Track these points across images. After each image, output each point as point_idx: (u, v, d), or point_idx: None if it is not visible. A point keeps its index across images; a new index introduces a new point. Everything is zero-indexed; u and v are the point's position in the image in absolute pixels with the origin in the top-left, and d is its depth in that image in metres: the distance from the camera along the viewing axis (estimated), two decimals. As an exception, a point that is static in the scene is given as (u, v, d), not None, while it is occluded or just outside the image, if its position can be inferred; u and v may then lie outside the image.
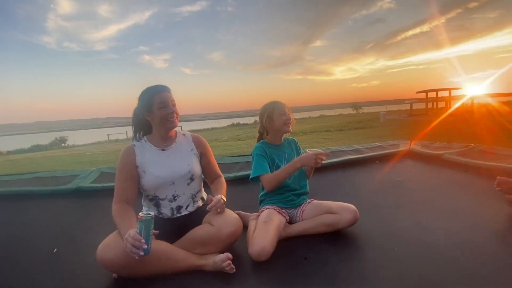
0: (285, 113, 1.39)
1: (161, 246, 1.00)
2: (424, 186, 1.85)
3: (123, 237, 0.94)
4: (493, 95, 8.03)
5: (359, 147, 2.86)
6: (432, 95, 7.57)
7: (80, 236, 1.44)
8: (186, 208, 1.23)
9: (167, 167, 1.19)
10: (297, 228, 1.30)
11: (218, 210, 1.12)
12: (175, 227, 1.17)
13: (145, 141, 1.24)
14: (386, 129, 5.54)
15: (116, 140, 17.42)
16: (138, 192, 1.19)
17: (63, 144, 18.13)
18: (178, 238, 1.12)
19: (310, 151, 1.27)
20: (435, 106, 7.78)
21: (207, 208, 1.14)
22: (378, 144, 2.95)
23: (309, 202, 1.38)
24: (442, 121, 5.37)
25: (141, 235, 0.90)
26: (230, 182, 1.85)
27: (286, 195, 1.38)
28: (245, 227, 1.31)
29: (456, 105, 7.50)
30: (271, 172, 1.35)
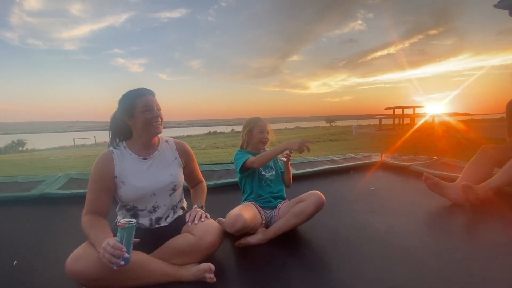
0: (264, 131, 1.50)
1: (137, 256, 0.94)
2: (395, 194, 1.97)
3: (96, 247, 0.88)
4: (451, 114, 8.92)
5: (335, 158, 2.98)
6: (398, 111, 8.18)
7: (44, 247, 1.33)
8: (166, 219, 1.17)
9: (149, 178, 1.12)
10: (274, 228, 1.31)
11: (196, 222, 1.07)
12: (152, 238, 1.10)
13: (125, 147, 1.14)
14: (358, 142, 5.83)
15: (83, 145, 16.46)
16: (113, 201, 1.11)
17: (20, 148, 16.69)
18: (155, 249, 1.06)
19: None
20: (401, 122, 8.38)
21: (186, 221, 1.10)
22: (352, 155, 3.10)
23: (284, 202, 1.45)
24: (409, 136, 5.78)
25: (122, 244, 0.84)
26: (210, 190, 1.83)
27: (265, 196, 1.45)
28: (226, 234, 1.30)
29: (420, 121, 8.18)
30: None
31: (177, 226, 1.15)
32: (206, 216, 1.12)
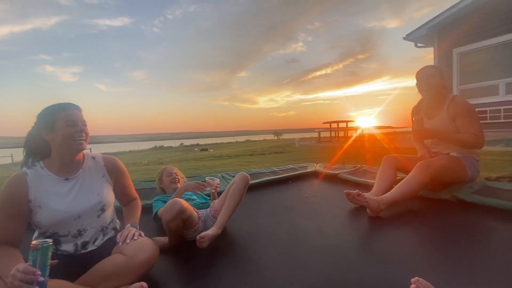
0: (171, 173, 1.90)
1: (58, 285, 0.85)
2: (325, 199, 2.22)
3: (5, 279, 0.78)
4: (377, 127, 10.38)
5: (276, 169, 3.21)
6: (334, 125, 9.15)
7: None
8: (94, 242, 1.09)
9: (72, 200, 1.03)
10: (222, 216, 1.48)
11: (128, 241, 1.02)
12: (78, 265, 1.00)
13: (42, 167, 1.04)
14: (300, 153, 6.28)
15: (-4, 165, 13.79)
16: (30, 229, 1.00)
17: None
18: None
19: (208, 178, 1.71)
20: (337, 135, 9.37)
21: (117, 241, 1.05)
22: (291, 166, 3.37)
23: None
24: (343, 147, 6.50)
25: (35, 267, 0.75)
26: (149, 209, 1.81)
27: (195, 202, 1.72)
28: (163, 251, 1.32)
29: (352, 134, 9.30)
30: None
31: (108, 248, 1.08)
32: (139, 235, 1.08)
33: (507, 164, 3.04)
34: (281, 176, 2.87)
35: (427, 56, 7.52)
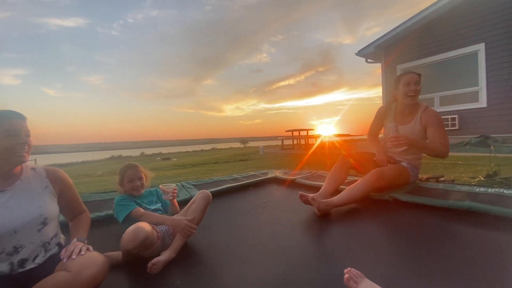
0: (134, 179, 1.58)
1: None
2: (282, 204, 2.32)
3: None
4: (336, 135, 11.08)
5: (238, 176, 3.26)
6: (296, 133, 9.56)
7: None
8: (34, 260, 1.00)
9: (6, 213, 0.96)
10: (178, 238, 1.44)
11: (74, 257, 0.95)
12: (16, 285, 0.93)
13: None
14: (263, 161, 6.42)
15: None
16: None
17: None
18: None
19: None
20: (299, 142, 9.79)
21: (61, 257, 0.97)
22: (252, 173, 3.45)
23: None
24: (305, 154, 6.80)
25: None
26: (101, 221, 1.72)
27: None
28: (115, 267, 1.28)
29: (313, 141, 9.79)
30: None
31: (51, 266, 1.00)
32: (87, 249, 1.01)
33: (437, 166, 3.49)
34: (242, 183, 2.92)
35: (377, 70, 8.33)
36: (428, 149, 2.01)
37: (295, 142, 9.78)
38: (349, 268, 0.99)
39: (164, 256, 1.32)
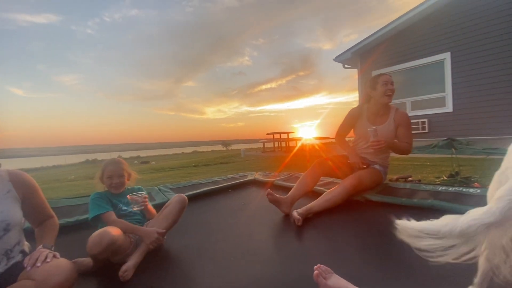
0: (112, 176, 1.52)
1: None
2: (259, 206, 2.35)
3: None
4: (317, 138, 11.32)
5: (217, 179, 3.25)
6: (277, 136, 9.69)
7: None
8: None
9: None
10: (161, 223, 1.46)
11: (38, 265, 0.90)
12: None
13: None
14: (244, 163, 6.44)
15: None
16: None
17: None
18: None
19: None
20: (280, 145, 9.92)
21: (24, 265, 0.92)
22: (232, 175, 3.46)
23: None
24: (285, 157, 6.90)
25: None
26: (70, 228, 1.66)
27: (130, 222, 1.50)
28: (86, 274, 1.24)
29: (293, 144, 9.97)
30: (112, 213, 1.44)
31: (14, 275, 0.95)
32: (53, 256, 0.97)
33: (408, 167, 3.69)
34: (221, 185, 2.92)
35: (354, 76, 8.66)
36: (398, 149, 2.17)
37: (276, 144, 9.91)
38: (318, 265, 1.03)
39: (133, 261, 1.30)
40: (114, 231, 1.22)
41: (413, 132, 7.00)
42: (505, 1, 5.78)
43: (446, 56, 6.64)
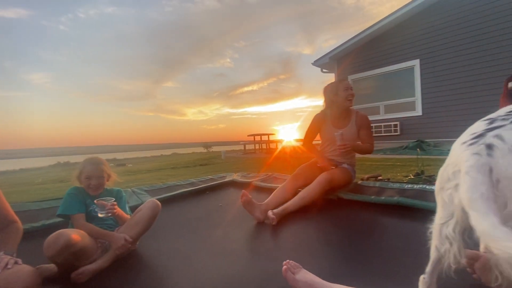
0: (91, 177, 1.47)
1: None
2: (237, 207, 2.36)
3: None
4: (297, 140, 11.54)
5: (194, 181, 3.22)
6: (258, 138, 9.75)
7: None
8: None
9: None
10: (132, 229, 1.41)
11: None
12: None
13: None
14: (225, 165, 6.41)
15: None
16: None
17: None
18: None
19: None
20: (261, 147, 9.99)
21: None
22: (210, 177, 3.44)
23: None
24: (265, 158, 6.96)
25: None
26: (36, 232, 1.58)
27: (101, 226, 1.44)
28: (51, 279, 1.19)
29: (273, 146, 10.09)
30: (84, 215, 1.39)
31: None
32: (15, 262, 0.95)
33: (380, 167, 3.88)
34: (198, 187, 2.90)
35: (332, 80, 8.92)
36: (362, 150, 2.34)
37: (257, 146, 9.97)
38: (287, 261, 1.07)
39: (94, 265, 1.25)
40: (73, 233, 1.17)
41: (386, 134, 7.39)
42: (468, 13, 6.26)
43: (416, 63, 7.05)
